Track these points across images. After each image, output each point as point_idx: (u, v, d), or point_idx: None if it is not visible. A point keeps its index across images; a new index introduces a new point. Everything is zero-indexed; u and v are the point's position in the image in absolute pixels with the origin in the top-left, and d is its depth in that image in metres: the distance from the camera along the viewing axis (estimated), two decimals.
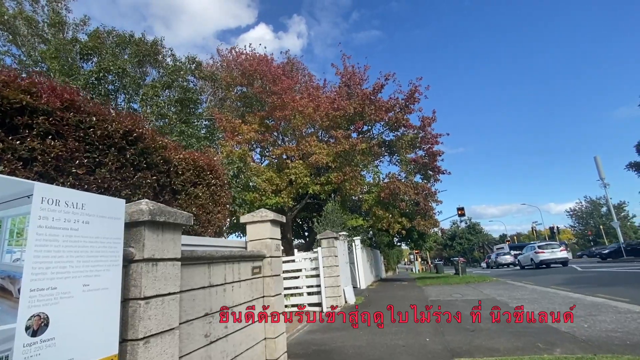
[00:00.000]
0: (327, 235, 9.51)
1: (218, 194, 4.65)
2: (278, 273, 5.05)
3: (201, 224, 4.25)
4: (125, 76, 13.62)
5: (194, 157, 4.28)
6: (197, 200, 4.20)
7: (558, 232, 45.12)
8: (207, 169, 4.48)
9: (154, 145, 3.62)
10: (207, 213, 4.38)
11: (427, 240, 19.41)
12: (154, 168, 3.57)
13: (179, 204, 3.90)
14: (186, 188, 4.07)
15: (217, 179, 4.67)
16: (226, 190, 4.96)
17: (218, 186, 4.67)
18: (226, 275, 3.90)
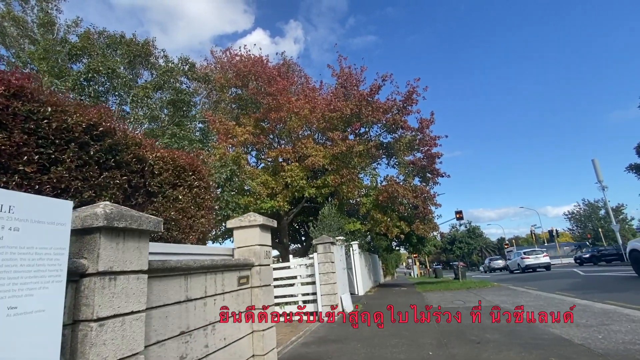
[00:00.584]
0: (323, 240, 9.10)
1: (202, 197, 4.25)
2: (268, 283, 4.64)
3: (181, 230, 3.84)
4: (115, 77, 13.22)
5: (174, 155, 3.88)
6: (177, 204, 3.80)
7: (557, 236, 44.84)
8: (189, 169, 4.09)
9: (126, 141, 3.23)
10: (188, 217, 3.98)
11: (426, 245, 19.02)
12: (125, 167, 3.18)
13: (155, 208, 3.50)
14: (164, 190, 3.67)
15: (201, 180, 4.27)
16: (212, 193, 4.56)
17: (202, 188, 4.27)
18: (207, 287, 3.49)
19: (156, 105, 13.87)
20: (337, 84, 16.22)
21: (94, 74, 12.71)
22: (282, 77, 15.41)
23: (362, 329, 7.04)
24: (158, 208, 3.51)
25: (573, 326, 5.96)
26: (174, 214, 3.69)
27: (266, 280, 4.56)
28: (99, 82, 13.91)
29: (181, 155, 4.03)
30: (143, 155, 3.38)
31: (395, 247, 23.22)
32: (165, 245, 3.23)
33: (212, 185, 4.62)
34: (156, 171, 3.55)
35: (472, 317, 7.47)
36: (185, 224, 3.91)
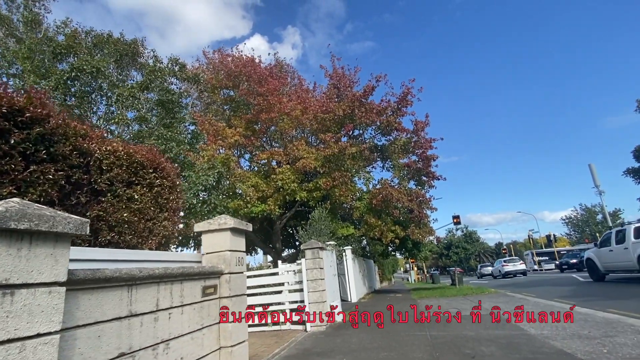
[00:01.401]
0: (311, 245, 8.65)
1: (165, 197, 3.82)
2: (240, 293, 4.19)
3: (137, 234, 3.41)
4: (100, 76, 12.81)
5: (129, 150, 3.46)
6: (132, 204, 3.38)
7: (555, 240, 44.51)
8: (150, 165, 3.67)
9: (65, 131, 2.80)
10: (147, 220, 3.55)
11: (422, 250, 18.57)
12: (62, 161, 2.76)
13: (102, 208, 3.07)
14: (115, 188, 3.25)
15: (164, 179, 3.85)
16: (179, 193, 4.14)
17: (165, 188, 3.85)
18: (160, 299, 3.04)
19: (142, 106, 13.45)
20: (330, 84, 15.87)
21: (78, 73, 12.30)
22: (274, 78, 15.05)
23: (350, 340, 6.59)
24: (106, 209, 3.09)
25: (575, 338, 5.53)
26: (127, 216, 3.26)
27: (237, 289, 4.12)
28: (84, 82, 13.50)
29: (139, 150, 3.61)
30: (88, 148, 2.96)
31: (391, 253, 22.77)
32: (108, 251, 2.79)
33: (179, 185, 4.19)
34: (105, 167, 3.13)
35: (467, 327, 7.03)
36: (143, 227, 3.48)
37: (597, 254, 14.57)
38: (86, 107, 14.07)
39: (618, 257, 13.04)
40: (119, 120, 12.54)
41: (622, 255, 12.72)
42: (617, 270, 13.60)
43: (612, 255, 13.48)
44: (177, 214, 4.16)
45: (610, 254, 13.55)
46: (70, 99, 13.96)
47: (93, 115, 14.84)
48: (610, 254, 13.56)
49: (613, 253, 13.40)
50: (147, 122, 14.49)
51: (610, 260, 13.68)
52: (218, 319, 3.88)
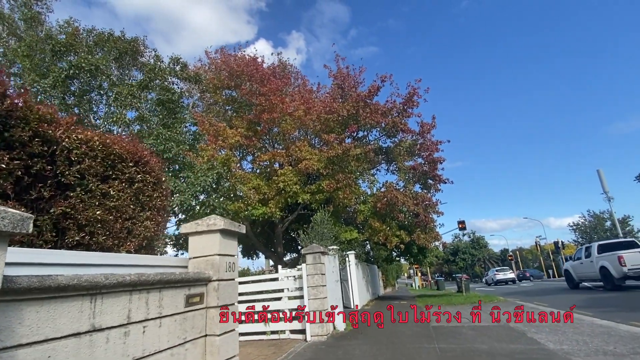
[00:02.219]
0: (312, 249, 8.22)
1: (148, 195, 3.43)
2: (229, 302, 3.77)
3: (113, 235, 3.02)
4: (99, 74, 12.54)
5: (105, 140, 3.08)
6: (108, 201, 2.99)
7: (563, 247, 43.61)
8: (130, 158, 3.28)
9: (24, 114, 2.42)
10: (125, 219, 3.15)
11: (427, 255, 18.02)
12: (20, 148, 2.37)
13: (70, 205, 2.68)
14: (86, 182, 2.86)
15: (147, 174, 3.46)
16: (164, 190, 3.74)
17: (148, 184, 3.46)
18: (132, 310, 2.62)
19: (141, 104, 13.15)
20: (334, 84, 15.49)
21: (76, 70, 12.03)
22: (277, 78, 14.70)
23: (352, 352, 6.14)
24: (75, 205, 2.70)
25: (600, 354, 5.05)
26: (100, 214, 2.87)
27: (227, 298, 3.70)
28: (83, 81, 13.25)
29: (118, 141, 3.22)
30: (53, 135, 2.58)
31: (396, 258, 22.22)
32: (69, 254, 2.39)
33: (165, 181, 3.81)
34: (75, 157, 2.75)
35: (478, 340, 6.54)
36: (120, 227, 3.09)
37: (572, 266, 17.17)
38: (86, 107, 13.80)
39: (586, 268, 15.58)
40: (118, 119, 12.23)
41: (589, 267, 15.26)
42: (586, 279, 16.06)
43: (582, 267, 16.05)
44: (163, 213, 3.76)
45: (581, 266, 16.09)
46: (69, 98, 13.72)
47: (94, 115, 14.59)
48: (581, 266, 16.09)
49: (583, 265, 15.95)
50: (147, 122, 14.20)
51: (581, 271, 16.24)
52: (204, 332, 3.46)
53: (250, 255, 22.68)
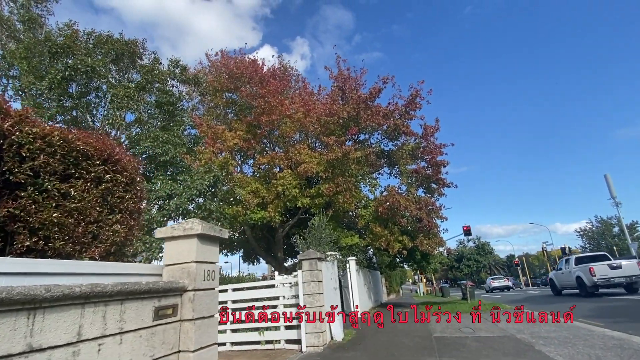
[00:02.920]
0: (309, 255, 7.88)
1: (118, 196, 3.14)
2: (208, 314, 3.45)
3: (74, 240, 2.72)
4: (95, 76, 12.37)
5: (67, 135, 2.79)
6: (68, 202, 2.69)
7: (570, 253, 42.77)
8: (97, 156, 2.99)
9: None
10: (89, 223, 2.85)
11: (431, 262, 17.55)
12: None
13: (20, 206, 2.39)
14: (41, 181, 2.57)
15: (118, 173, 3.17)
16: (138, 192, 3.45)
17: (119, 184, 3.16)
18: (84, 326, 2.31)
19: (139, 107, 12.96)
20: (334, 86, 15.20)
21: (72, 72, 11.87)
22: (276, 79, 14.45)
23: None
24: (25, 206, 2.41)
25: None
26: (57, 216, 2.58)
27: (204, 310, 3.37)
28: (80, 83, 13.10)
29: (83, 137, 2.93)
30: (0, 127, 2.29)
31: (399, 264, 21.76)
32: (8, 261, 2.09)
33: (140, 182, 3.51)
34: (26, 153, 2.46)
35: (483, 354, 6.15)
36: (83, 231, 2.78)
37: (555, 275, 19.66)
38: (83, 109, 13.65)
39: (566, 278, 17.77)
40: (114, 121, 12.04)
41: (568, 277, 17.40)
42: (567, 287, 18.27)
43: (563, 276, 18.28)
44: (137, 216, 3.46)
45: (562, 275, 18.37)
46: (67, 100, 13.57)
47: (92, 117, 14.44)
48: (562, 276, 18.37)
49: (563, 275, 18.22)
50: (145, 125, 14.01)
51: (562, 280, 18.49)
52: (177, 347, 3.13)
53: (251, 260, 22.35)
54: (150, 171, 13.93)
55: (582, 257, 17.49)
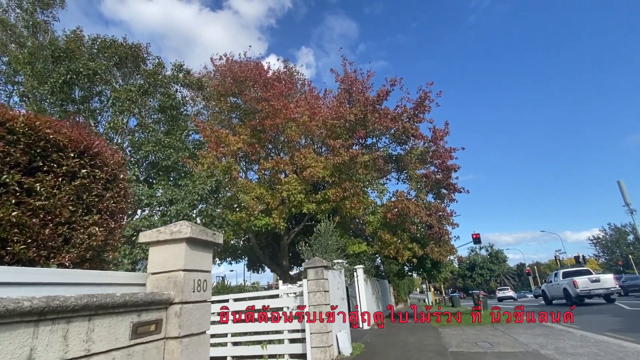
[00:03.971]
0: (314, 263, 7.40)
1: (96, 194, 2.74)
2: (198, 331, 3.00)
3: (40, 243, 2.31)
4: (97, 80, 12.16)
5: (33, 122, 2.40)
6: (33, 200, 2.29)
7: (584, 262, 41.46)
8: (72, 147, 2.59)
9: None
10: (60, 224, 2.44)
11: (442, 270, 16.90)
12: None
13: None
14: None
15: (97, 168, 2.77)
16: (121, 190, 3.04)
17: (98, 181, 2.76)
18: (37, 349, 1.88)
19: (141, 110, 12.70)
20: (341, 88, 14.81)
21: (74, 75, 11.66)
22: (280, 82, 14.12)
23: None
24: None
25: None
26: (17, 215, 2.17)
27: (193, 326, 2.93)
28: (83, 87, 12.91)
29: (55, 124, 2.54)
30: None
31: (408, 273, 21.10)
32: None
33: (124, 179, 3.11)
34: None
35: None
36: (52, 233, 2.38)
37: (547, 287, 21.62)
38: (86, 114, 13.44)
39: (555, 289, 19.82)
40: (115, 125, 11.77)
41: (557, 288, 19.44)
42: (556, 297, 20.15)
43: (552, 288, 20.27)
44: (119, 217, 3.06)
45: (552, 287, 20.38)
46: (69, 105, 13.37)
47: (95, 122, 14.22)
48: (552, 287, 20.38)
49: (552, 287, 20.24)
50: (148, 129, 13.75)
51: (552, 291, 20.47)
52: None
53: (255, 268, 21.86)
54: (152, 177, 13.63)
55: (568, 272, 19.70)
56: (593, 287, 16.83)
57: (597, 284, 16.86)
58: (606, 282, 16.94)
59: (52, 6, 16.33)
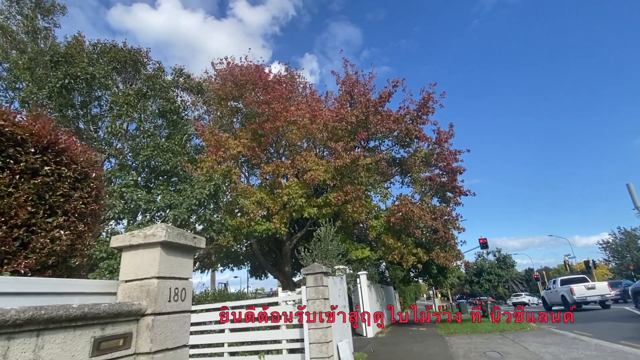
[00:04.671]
0: (313, 269, 7.08)
1: (62, 194, 2.47)
2: (174, 345, 2.70)
3: None
4: (95, 84, 12.03)
5: None
6: None
7: (595, 267, 40.53)
8: (31, 142, 2.34)
9: None
10: (15, 226, 2.18)
11: (448, 276, 16.44)
12: None
13: None
14: None
15: (64, 165, 2.52)
16: (92, 190, 2.78)
17: (65, 179, 2.50)
18: None
19: (139, 114, 12.54)
20: (342, 90, 14.55)
21: (71, 80, 11.55)
22: (282, 86, 13.92)
23: None
24: None
25: None
26: None
27: (168, 340, 2.63)
28: (81, 92, 12.79)
29: (10, 116, 2.29)
30: None
31: (413, 278, 20.63)
32: None
33: (96, 177, 2.85)
34: None
35: None
36: (4, 236, 2.11)
37: (546, 294, 22.98)
38: (86, 119, 13.32)
39: (554, 296, 20.85)
40: (113, 130, 11.60)
41: (555, 295, 20.55)
42: (555, 304, 21.21)
43: (551, 294, 21.44)
44: (90, 220, 2.79)
45: (551, 294, 21.64)
46: (69, 110, 13.26)
47: (95, 127, 14.10)
48: (551, 294, 21.62)
49: (552, 293, 21.43)
50: (148, 134, 13.58)
51: (551, 298, 21.63)
52: None
53: (258, 275, 21.54)
54: (151, 182, 13.44)
55: (565, 279, 20.87)
56: (589, 294, 17.91)
57: (593, 291, 17.98)
58: (601, 289, 18.15)
59: (52, 13, 16.36)
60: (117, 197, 9.80)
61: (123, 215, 10.65)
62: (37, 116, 2.66)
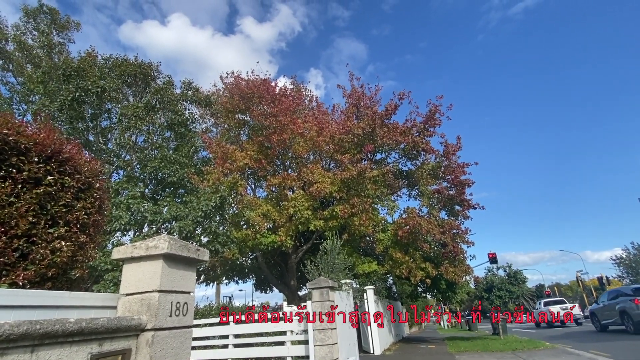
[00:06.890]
0: (319, 283, 6.94)
1: (64, 204, 2.43)
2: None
3: None
4: (106, 97, 12.23)
5: None
6: None
7: (608, 283, 39.42)
8: (35, 151, 2.31)
9: None
10: (15, 237, 2.13)
11: (457, 292, 16.05)
12: None
13: None
14: None
15: (67, 175, 2.48)
16: (95, 201, 2.74)
17: (68, 189, 2.46)
18: None
19: (147, 127, 12.68)
20: (349, 103, 14.61)
21: (82, 92, 11.75)
22: (288, 97, 14.02)
23: None
24: None
25: None
26: None
27: (168, 357, 2.53)
28: (92, 104, 13.00)
29: (15, 125, 2.27)
30: None
31: (421, 294, 20.19)
32: None
33: (99, 188, 2.81)
34: None
35: None
36: (3, 247, 2.05)
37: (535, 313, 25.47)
38: (96, 130, 13.51)
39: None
40: (121, 142, 11.71)
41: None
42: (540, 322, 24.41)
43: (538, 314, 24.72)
44: (93, 231, 2.74)
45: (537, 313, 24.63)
46: (79, 122, 13.47)
47: (106, 141, 14.28)
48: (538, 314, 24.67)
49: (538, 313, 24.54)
50: (155, 146, 13.71)
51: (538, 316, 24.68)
52: None
53: (263, 288, 21.28)
54: (158, 193, 13.49)
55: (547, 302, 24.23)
56: None
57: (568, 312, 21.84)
58: (574, 310, 22.12)
59: (67, 28, 16.85)
60: (123, 209, 9.81)
61: (129, 227, 10.65)
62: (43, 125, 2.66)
